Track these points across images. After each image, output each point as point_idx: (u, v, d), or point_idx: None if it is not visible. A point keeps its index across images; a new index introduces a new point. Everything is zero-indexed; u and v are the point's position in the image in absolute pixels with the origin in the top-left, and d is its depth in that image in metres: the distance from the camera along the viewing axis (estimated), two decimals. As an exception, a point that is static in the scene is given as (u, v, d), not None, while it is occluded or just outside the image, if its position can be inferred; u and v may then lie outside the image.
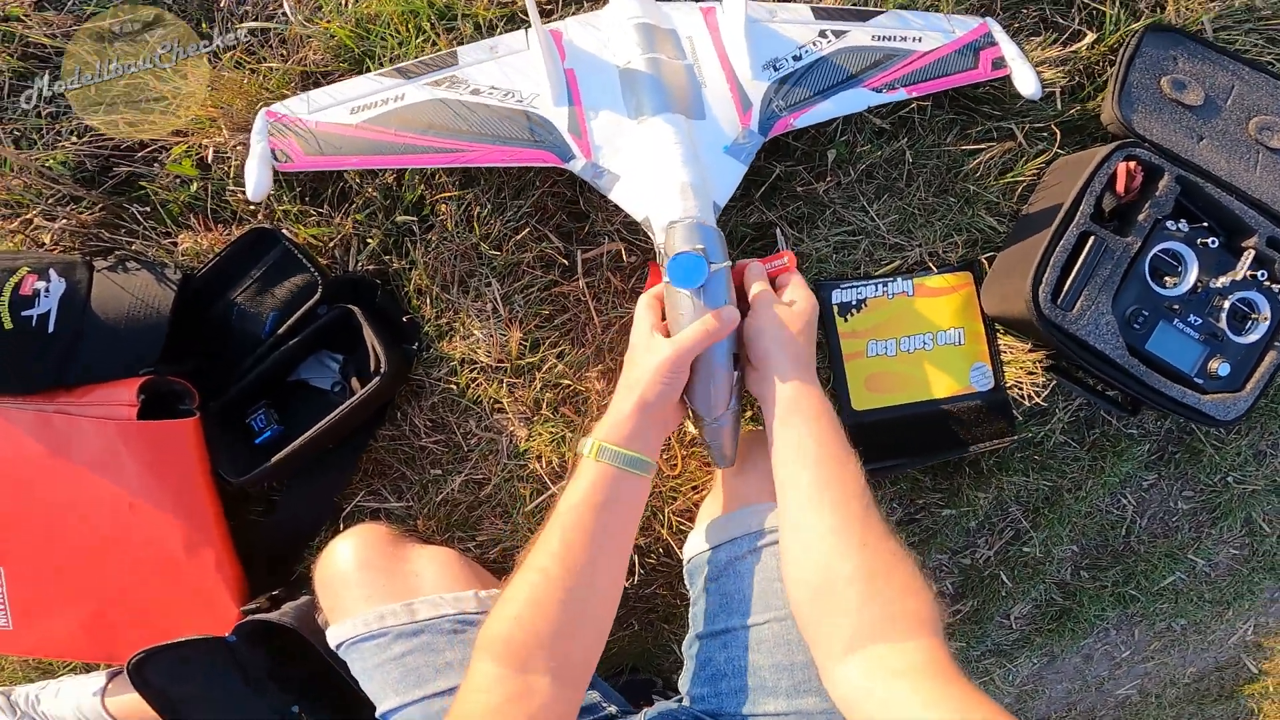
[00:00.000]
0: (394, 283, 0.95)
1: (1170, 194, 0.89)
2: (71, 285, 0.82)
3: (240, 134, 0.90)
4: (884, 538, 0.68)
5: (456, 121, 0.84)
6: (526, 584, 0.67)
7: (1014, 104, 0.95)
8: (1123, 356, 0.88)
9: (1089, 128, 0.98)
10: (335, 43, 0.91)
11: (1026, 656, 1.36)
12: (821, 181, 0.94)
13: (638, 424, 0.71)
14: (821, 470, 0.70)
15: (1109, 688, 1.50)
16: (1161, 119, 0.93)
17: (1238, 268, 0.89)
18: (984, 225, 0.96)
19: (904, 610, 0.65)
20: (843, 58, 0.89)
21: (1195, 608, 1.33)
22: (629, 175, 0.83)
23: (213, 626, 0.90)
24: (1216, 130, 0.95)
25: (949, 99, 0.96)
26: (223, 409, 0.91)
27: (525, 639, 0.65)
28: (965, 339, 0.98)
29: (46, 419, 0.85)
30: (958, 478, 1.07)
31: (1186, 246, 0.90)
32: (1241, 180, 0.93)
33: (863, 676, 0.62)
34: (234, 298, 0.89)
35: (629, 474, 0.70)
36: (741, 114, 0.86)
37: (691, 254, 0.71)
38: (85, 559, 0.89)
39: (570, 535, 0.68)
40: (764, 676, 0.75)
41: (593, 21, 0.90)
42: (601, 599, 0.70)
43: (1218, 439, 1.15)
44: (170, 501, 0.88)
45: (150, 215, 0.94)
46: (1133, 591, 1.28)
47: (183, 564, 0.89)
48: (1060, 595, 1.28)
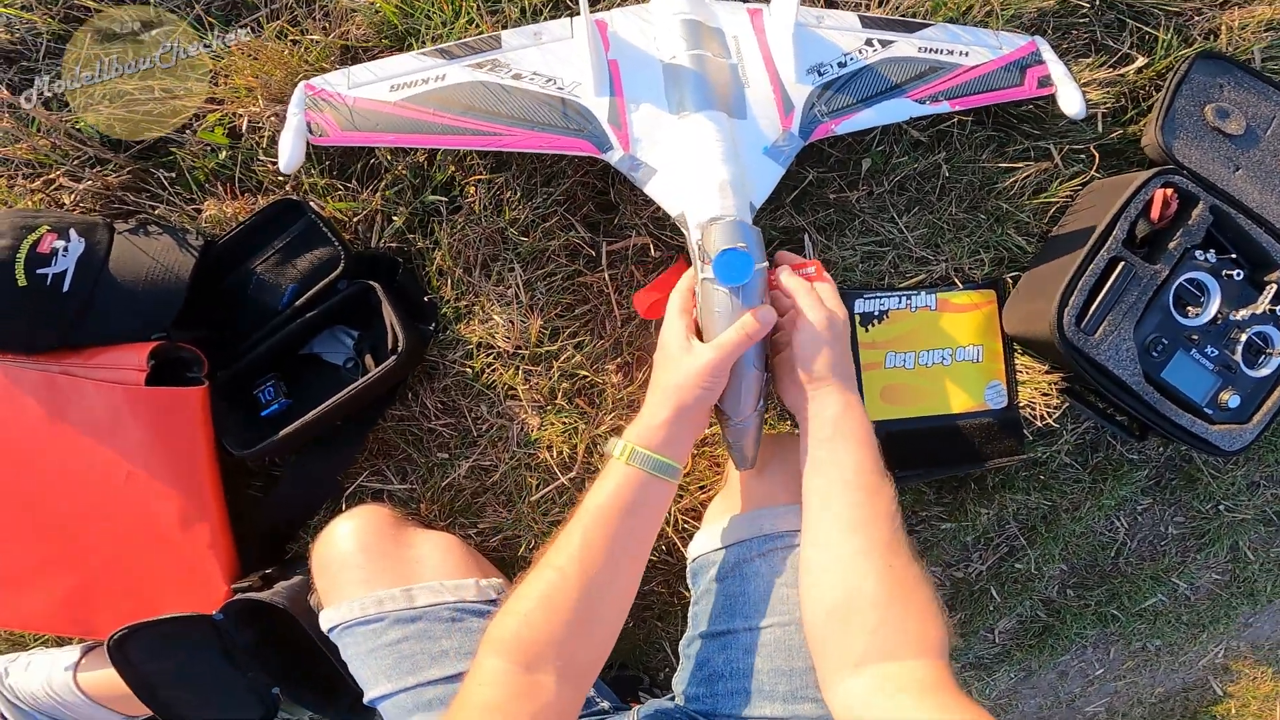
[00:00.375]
0: (416, 262, 0.93)
1: (1203, 223, 0.90)
2: (91, 246, 0.79)
3: (276, 105, 0.89)
4: (909, 562, 0.69)
5: (496, 105, 0.83)
6: (543, 581, 0.67)
7: (1054, 124, 0.95)
8: (1139, 384, 0.89)
9: (1127, 152, 0.99)
10: (380, 18, 0.89)
11: (1005, 671, 1.38)
12: (853, 190, 0.94)
13: (673, 429, 0.71)
14: (856, 494, 0.71)
15: (1079, 704, 1.53)
16: (1201, 147, 0.94)
17: (1259, 301, 0.90)
18: (1012, 244, 0.97)
19: (919, 633, 0.66)
20: (888, 67, 0.88)
21: (1172, 629, 1.37)
22: (666, 169, 0.82)
23: (201, 604, 0.88)
24: (1253, 161, 0.96)
25: (990, 115, 0.96)
26: (231, 379, 0.88)
27: (535, 637, 0.64)
28: (984, 356, 0.98)
29: (51, 379, 0.83)
30: (962, 493, 1.08)
31: (1212, 277, 0.91)
32: (1272, 213, 0.94)
33: (865, 691, 0.63)
34: (254, 267, 0.87)
35: (658, 479, 0.70)
36: (783, 116, 0.85)
37: (739, 251, 0.70)
38: (72, 528, 0.87)
39: (591, 537, 0.68)
40: (762, 680, 0.75)
41: (639, 14, 0.89)
42: (615, 602, 0.70)
43: (1215, 468, 1.17)
44: (169, 473, 0.86)
45: (176, 181, 0.92)
46: (1115, 611, 1.30)
47: (175, 538, 0.87)
48: (1045, 612, 1.31)
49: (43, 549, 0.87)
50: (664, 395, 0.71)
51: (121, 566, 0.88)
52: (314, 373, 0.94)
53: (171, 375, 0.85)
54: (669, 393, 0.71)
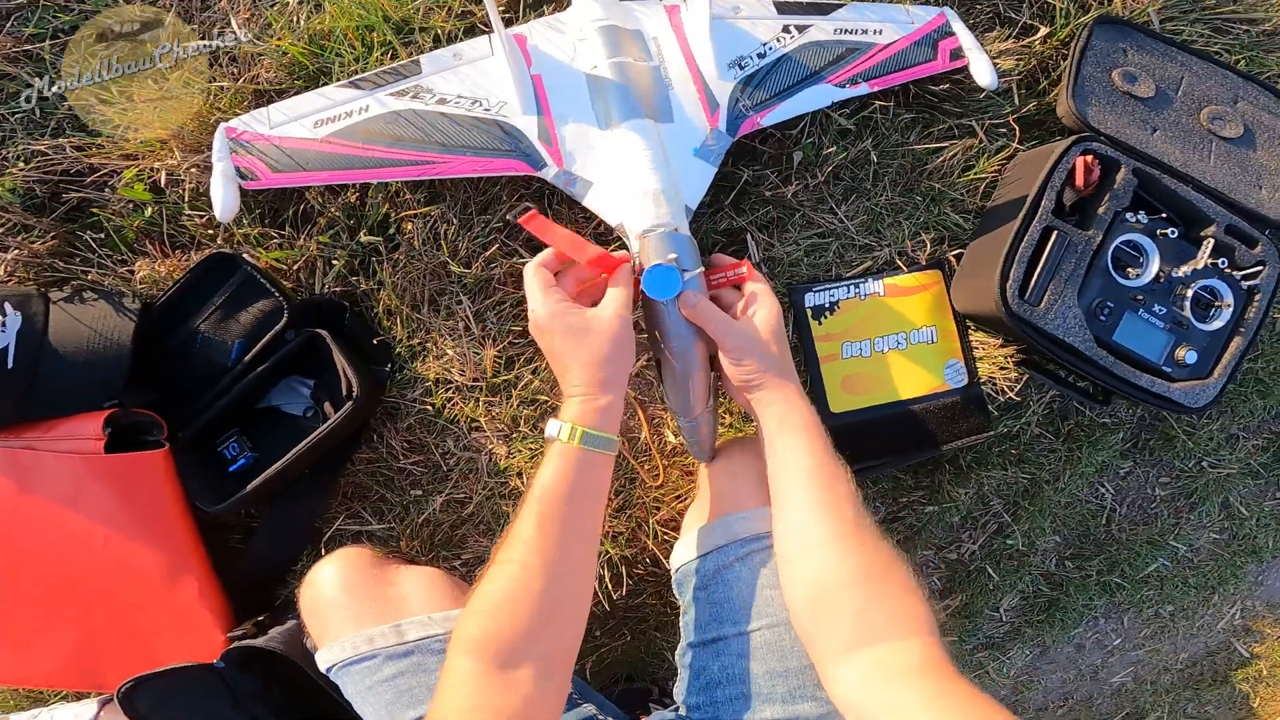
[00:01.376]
0: (363, 304, 0.94)
1: (1128, 186, 0.90)
2: (28, 318, 0.80)
3: (194, 155, 0.88)
4: (878, 541, 0.70)
5: (425, 133, 0.83)
6: (504, 577, 0.66)
7: (973, 100, 0.96)
8: (1091, 349, 0.89)
9: (1047, 122, 0.99)
10: (289, 60, 0.89)
11: (1019, 648, 1.36)
12: (789, 185, 0.94)
13: (608, 402, 0.71)
14: (814, 481, 0.72)
15: (1104, 676, 1.51)
16: (1115, 112, 0.95)
17: (1198, 256, 0.90)
18: (950, 223, 0.97)
19: (901, 609, 0.66)
20: (806, 54, 0.89)
21: (1181, 593, 1.34)
22: (601, 182, 0.83)
23: (200, 653, 0.89)
24: (1169, 121, 0.96)
25: (911, 98, 0.97)
26: (194, 438, 0.89)
27: (505, 633, 0.63)
28: (938, 337, 0.98)
29: (12, 455, 0.84)
30: (938, 475, 1.08)
31: (1147, 238, 0.91)
32: (1196, 170, 0.94)
33: (862, 678, 0.64)
34: (197, 326, 0.88)
35: (601, 454, 0.70)
36: (709, 115, 0.86)
37: (664, 266, 0.72)
38: (64, 591, 0.88)
39: (546, 525, 0.67)
40: (759, 684, 0.75)
41: (556, 25, 0.89)
42: (579, 586, 0.70)
43: (1190, 425, 1.16)
44: (145, 532, 0.87)
45: (104, 243, 0.91)
46: (1118, 580, 1.28)
47: (165, 593, 0.88)
48: (1047, 586, 1.29)
49: (41, 610, 0.89)
50: (587, 370, 0.72)
51: (119, 621, 0.89)
52: (275, 424, 0.95)
53: (131, 440, 0.86)
54: (589, 367, 0.71)
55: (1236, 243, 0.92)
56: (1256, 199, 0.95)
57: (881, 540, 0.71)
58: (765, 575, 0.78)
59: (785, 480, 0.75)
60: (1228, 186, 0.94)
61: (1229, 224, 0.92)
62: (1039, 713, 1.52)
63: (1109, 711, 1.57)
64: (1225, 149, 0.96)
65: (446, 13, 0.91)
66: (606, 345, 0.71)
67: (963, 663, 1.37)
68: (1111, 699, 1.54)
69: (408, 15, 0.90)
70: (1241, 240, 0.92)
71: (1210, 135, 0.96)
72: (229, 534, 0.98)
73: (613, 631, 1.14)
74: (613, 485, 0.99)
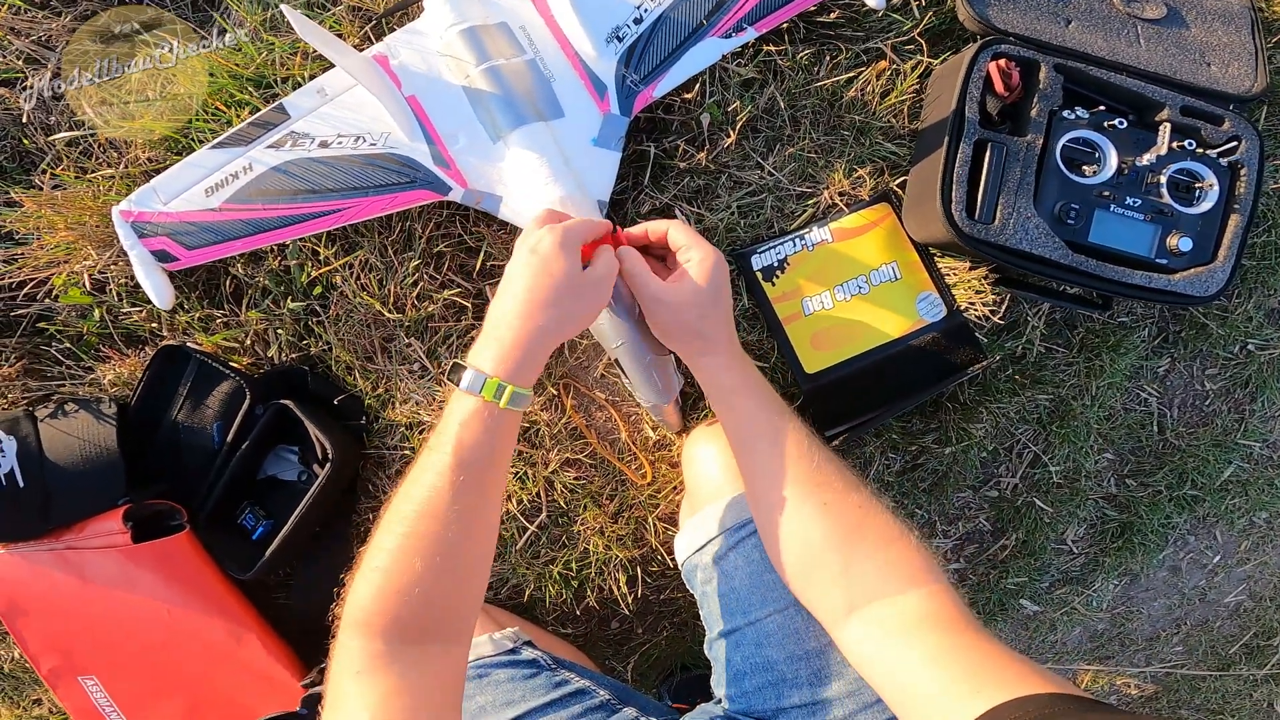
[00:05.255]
0: (321, 365, 0.96)
1: (1054, 84, 0.83)
2: (22, 440, 0.86)
3: (107, 249, 0.87)
4: (843, 493, 0.67)
5: (320, 181, 0.81)
6: (397, 540, 0.61)
7: (871, 23, 0.90)
8: (1065, 255, 0.82)
9: (955, 30, 0.91)
10: (157, 138, 0.87)
11: (1102, 580, 1.26)
12: (705, 150, 0.90)
13: (541, 349, 0.66)
14: (757, 447, 0.71)
15: (1214, 597, 1.37)
16: (1019, 9, 0.87)
17: (1159, 142, 0.82)
18: (885, 152, 0.91)
19: (887, 560, 0.64)
20: (682, 10, 0.84)
21: (1270, 497, 1.20)
22: (510, 195, 0.82)
23: (282, 703, 0.94)
24: (1082, 10, 0.88)
25: (807, 32, 0.91)
26: (211, 516, 0.93)
27: (407, 606, 0.60)
28: (901, 272, 0.92)
29: (61, 556, 0.90)
30: (942, 415, 1.00)
31: (1095, 132, 0.84)
32: (1128, 57, 0.86)
33: (864, 641, 0.62)
34: (174, 418, 0.92)
35: (514, 412, 0.65)
36: (598, 101, 0.83)
37: None
38: (157, 659, 0.94)
39: (444, 483, 0.61)
40: (782, 670, 0.74)
41: (415, 35, 0.83)
42: (480, 547, 0.65)
43: (1220, 309, 1.03)
44: (198, 605, 0.93)
45: (70, 354, 0.93)
46: (1193, 492, 1.16)
47: (235, 654, 0.94)
48: (1114, 510, 1.18)
49: (146, 679, 0.95)
50: (529, 320, 0.65)
51: (211, 684, 0.95)
52: (278, 491, 0.98)
53: (157, 528, 0.91)
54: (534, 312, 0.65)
55: (1200, 123, 0.84)
56: (1209, 76, 0.88)
57: (849, 490, 0.67)
58: (759, 560, 0.76)
59: (739, 458, 0.74)
60: (1171, 69, 0.87)
61: (1183, 105, 0.84)
62: (1149, 643, 1.40)
63: (1233, 633, 1.42)
64: (1154, 31, 0.88)
65: (303, 57, 0.86)
66: (588, 290, 0.67)
67: (1045, 600, 1.28)
68: (1231, 620, 1.39)
69: (262, 69, 0.86)
70: (1204, 119, 0.85)
71: (1131, 19, 0.88)
72: (275, 593, 1.03)
73: (651, 628, 1.14)
74: (599, 485, 0.98)
